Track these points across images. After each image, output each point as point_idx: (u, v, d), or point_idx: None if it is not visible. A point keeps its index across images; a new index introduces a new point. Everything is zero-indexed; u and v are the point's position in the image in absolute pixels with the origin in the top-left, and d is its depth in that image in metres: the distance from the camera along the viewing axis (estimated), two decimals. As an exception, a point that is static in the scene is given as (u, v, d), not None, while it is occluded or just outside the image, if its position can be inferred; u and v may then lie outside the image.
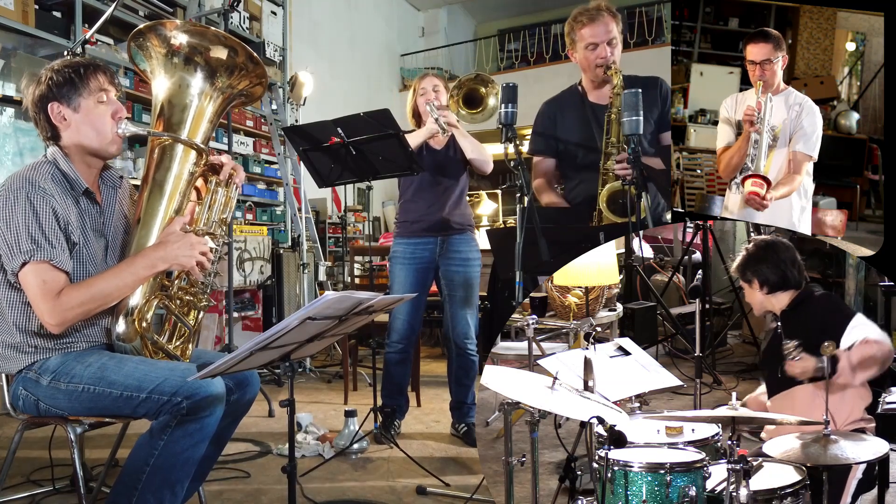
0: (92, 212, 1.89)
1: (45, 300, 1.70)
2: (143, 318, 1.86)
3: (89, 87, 1.84)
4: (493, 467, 2.39)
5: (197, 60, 1.97)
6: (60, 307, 1.70)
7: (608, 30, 2.60)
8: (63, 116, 1.83)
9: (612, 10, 2.64)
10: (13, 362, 1.81)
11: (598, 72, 2.62)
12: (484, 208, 7.04)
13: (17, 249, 1.70)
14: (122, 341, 1.85)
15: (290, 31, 6.92)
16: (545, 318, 2.53)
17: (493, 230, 5.39)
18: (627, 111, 2.26)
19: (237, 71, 2.02)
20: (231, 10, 4.22)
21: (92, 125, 1.85)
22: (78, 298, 1.72)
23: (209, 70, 1.99)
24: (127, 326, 1.85)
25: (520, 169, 2.24)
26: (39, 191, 1.73)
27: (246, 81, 2.06)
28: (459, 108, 3.23)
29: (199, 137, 1.98)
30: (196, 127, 1.98)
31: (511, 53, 11.97)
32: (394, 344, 3.28)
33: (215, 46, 1.99)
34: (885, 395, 1.88)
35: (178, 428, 1.71)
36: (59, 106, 1.82)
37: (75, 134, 1.85)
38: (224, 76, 2.01)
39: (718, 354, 2.62)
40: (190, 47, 1.97)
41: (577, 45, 2.67)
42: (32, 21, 4.25)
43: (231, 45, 2.01)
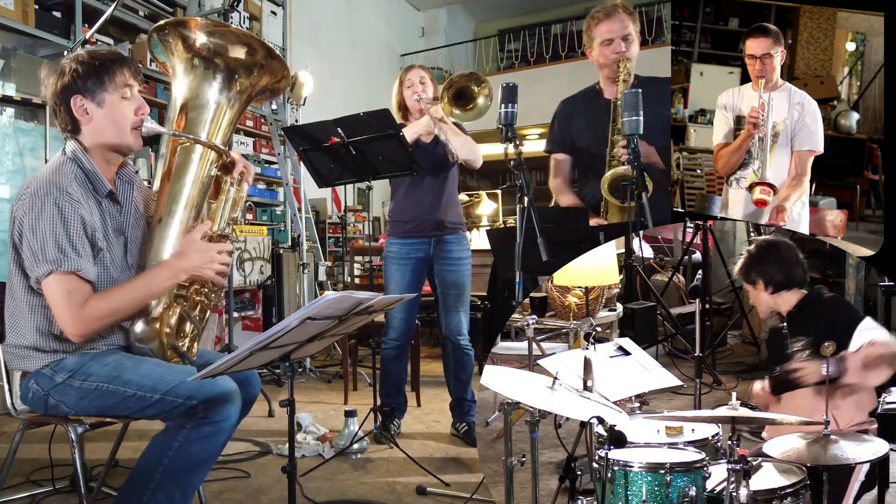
0: (113, 211, 1.86)
1: (69, 311, 1.69)
2: (167, 324, 1.86)
3: (115, 81, 1.79)
4: (493, 467, 2.40)
5: (217, 62, 1.96)
6: (84, 319, 1.70)
7: (623, 26, 2.61)
8: (86, 110, 1.79)
9: (628, 8, 2.65)
10: (32, 361, 1.79)
11: (613, 67, 2.63)
12: (484, 208, 7.02)
13: (43, 257, 1.68)
14: (141, 342, 1.84)
15: (290, 31, 6.92)
16: (545, 318, 2.53)
17: (493, 230, 5.39)
18: (627, 111, 2.26)
19: (257, 69, 2.01)
20: (231, 10, 4.22)
21: (114, 121, 1.81)
22: (101, 311, 1.71)
23: (230, 71, 1.98)
24: (147, 327, 1.84)
25: (520, 169, 2.24)
26: (67, 197, 1.70)
27: (267, 78, 2.05)
28: (450, 105, 3.22)
29: (219, 139, 1.97)
30: (216, 128, 1.97)
31: (511, 53, 11.96)
32: (390, 341, 3.30)
33: (234, 46, 1.97)
34: (885, 395, 1.88)
35: (194, 430, 1.71)
36: (82, 99, 1.78)
37: (96, 129, 1.81)
38: (244, 76, 2.00)
39: (718, 354, 2.62)
40: (212, 47, 1.95)
41: (593, 42, 2.68)
42: (32, 21, 4.25)
43: (250, 42, 2.00)
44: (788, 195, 2.34)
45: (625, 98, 2.29)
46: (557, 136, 2.86)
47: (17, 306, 1.80)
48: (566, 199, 2.83)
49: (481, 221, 6.92)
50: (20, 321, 1.80)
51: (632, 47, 2.62)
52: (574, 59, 10.27)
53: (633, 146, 2.27)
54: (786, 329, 1.99)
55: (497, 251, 2.92)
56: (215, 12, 5.29)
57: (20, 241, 1.73)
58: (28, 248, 1.70)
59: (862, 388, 1.86)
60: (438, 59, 11.42)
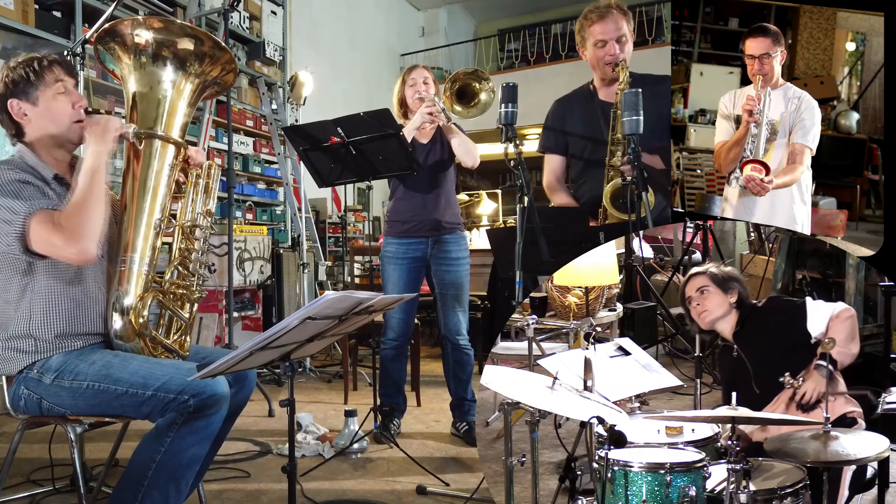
0: (63, 194, 1.87)
1: (55, 236, 1.72)
2: (140, 315, 1.87)
3: (45, 80, 1.85)
4: (493, 467, 2.39)
5: (164, 54, 1.99)
6: (68, 231, 1.72)
7: (618, 27, 2.60)
8: (24, 112, 1.85)
9: (622, 8, 2.64)
10: (13, 363, 1.81)
11: (606, 69, 2.62)
12: (484, 208, 7.02)
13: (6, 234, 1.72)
14: (121, 339, 1.86)
15: (290, 31, 6.92)
16: (545, 318, 2.53)
17: (493, 230, 5.39)
18: (627, 111, 2.26)
19: (206, 59, 2.03)
20: (231, 9, 4.22)
21: (52, 117, 1.87)
22: (72, 214, 1.74)
23: (178, 62, 2.00)
24: (124, 324, 1.86)
25: (520, 169, 2.24)
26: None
27: (217, 69, 2.07)
28: (453, 103, 3.22)
29: (176, 131, 2.00)
30: (171, 121, 2.00)
31: (511, 53, 11.97)
32: (389, 341, 3.30)
33: (180, 38, 2.00)
34: (885, 395, 1.88)
35: (185, 425, 1.72)
36: (18, 102, 1.84)
37: (37, 127, 1.86)
38: (195, 65, 2.02)
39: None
40: (155, 43, 1.98)
41: (586, 42, 2.67)
42: (32, 21, 4.25)
43: (196, 34, 2.02)
44: (779, 175, 2.33)
45: (625, 98, 2.28)
46: (551, 136, 2.85)
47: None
48: (559, 198, 2.83)
49: (481, 221, 6.92)
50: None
51: (626, 48, 2.62)
52: (574, 59, 10.24)
53: (632, 146, 2.27)
54: (737, 351, 2.03)
55: (497, 251, 2.92)
56: (215, 12, 5.30)
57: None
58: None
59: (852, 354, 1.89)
60: (438, 59, 11.42)
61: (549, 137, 2.86)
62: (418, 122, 3.11)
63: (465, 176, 10.65)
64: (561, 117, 2.82)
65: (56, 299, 1.82)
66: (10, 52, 4.22)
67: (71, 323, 1.83)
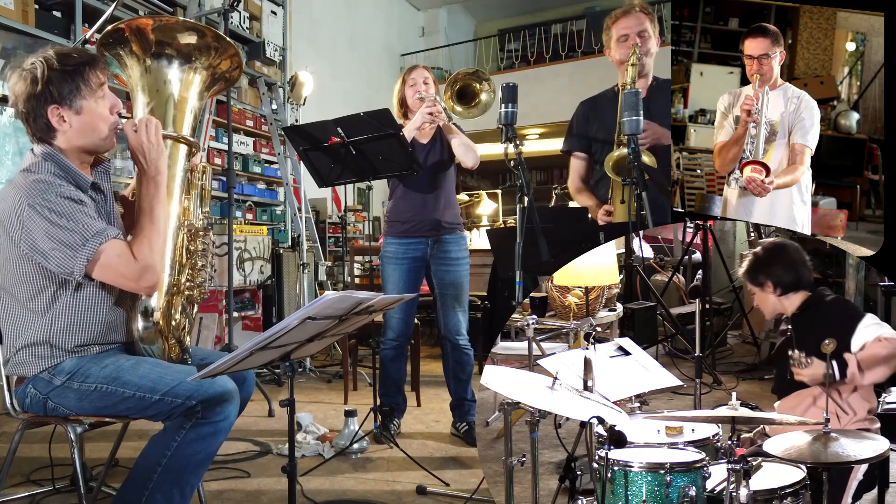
0: (99, 200, 1.84)
1: (129, 272, 1.69)
2: (171, 318, 1.88)
3: (90, 85, 1.74)
4: (493, 467, 2.39)
5: (168, 52, 1.96)
6: (142, 268, 1.70)
7: (640, 22, 2.64)
8: (63, 118, 1.74)
9: (646, 8, 2.68)
10: (30, 367, 1.78)
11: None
12: (484, 208, 7.03)
13: (73, 254, 1.65)
14: (144, 342, 1.86)
15: (290, 31, 6.91)
16: (545, 318, 2.53)
17: (493, 230, 5.39)
18: (627, 111, 2.26)
19: (211, 52, 2.01)
20: (231, 9, 4.22)
21: (94, 126, 1.77)
22: (144, 250, 1.71)
23: (183, 58, 1.98)
24: (148, 326, 1.86)
25: (520, 169, 2.24)
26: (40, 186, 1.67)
27: (227, 62, 2.05)
28: (453, 103, 3.22)
29: (186, 130, 1.99)
30: (181, 119, 1.99)
31: (511, 53, 11.96)
32: (388, 341, 3.31)
33: (181, 33, 1.97)
34: (885, 394, 1.88)
35: (192, 430, 1.72)
36: (59, 108, 1.72)
37: (74, 135, 1.76)
38: (202, 59, 2.00)
39: (718, 354, 2.62)
40: (157, 41, 1.95)
41: (611, 41, 2.70)
42: (32, 21, 4.24)
43: (197, 28, 2.00)
44: (779, 175, 2.34)
45: (625, 98, 2.29)
46: (574, 138, 2.88)
47: (15, 313, 1.79)
48: (582, 199, 2.86)
49: (481, 221, 6.93)
50: (18, 327, 1.79)
51: (647, 43, 2.64)
52: (574, 59, 10.28)
53: (632, 146, 2.27)
54: (791, 332, 1.99)
55: (497, 251, 2.92)
56: (215, 12, 5.30)
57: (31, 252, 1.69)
58: (53, 258, 1.67)
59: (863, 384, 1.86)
60: (438, 59, 11.42)
61: (572, 139, 2.89)
62: (418, 122, 3.11)
63: (465, 176, 10.65)
64: (585, 119, 2.85)
65: (83, 314, 1.77)
66: (10, 52, 4.22)
67: (92, 335, 1.79)
